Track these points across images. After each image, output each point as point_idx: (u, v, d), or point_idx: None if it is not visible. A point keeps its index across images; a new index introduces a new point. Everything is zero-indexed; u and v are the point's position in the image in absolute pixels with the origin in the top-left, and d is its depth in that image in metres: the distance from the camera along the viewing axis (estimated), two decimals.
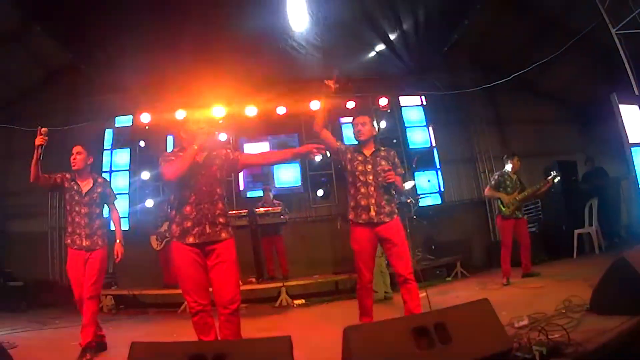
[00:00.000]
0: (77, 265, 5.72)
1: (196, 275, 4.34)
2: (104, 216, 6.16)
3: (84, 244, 5.75)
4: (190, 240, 4.33)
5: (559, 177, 9.32)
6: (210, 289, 4.39)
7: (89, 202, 5.87)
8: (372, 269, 5.51)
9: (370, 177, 5.41)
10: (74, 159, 5.86)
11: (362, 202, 5.36)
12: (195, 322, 4.34)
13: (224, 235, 4.43)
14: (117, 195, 6.42)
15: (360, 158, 5.50)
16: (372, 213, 5.32)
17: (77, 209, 5.84)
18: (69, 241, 5.83)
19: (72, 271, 5.74)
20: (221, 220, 4.46)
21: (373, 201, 5.34)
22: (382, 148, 5.68)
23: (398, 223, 5.47)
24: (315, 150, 4.72)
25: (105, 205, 6.15)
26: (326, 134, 5.59)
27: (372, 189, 5.38)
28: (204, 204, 4.41)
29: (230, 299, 4.29)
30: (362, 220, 5.34)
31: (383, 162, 5.48)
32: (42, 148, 5.41)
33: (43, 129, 5.41)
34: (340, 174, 6.12)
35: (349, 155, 5.55)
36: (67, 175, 5.93)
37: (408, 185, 8.90)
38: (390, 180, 5.31)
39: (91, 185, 5.94)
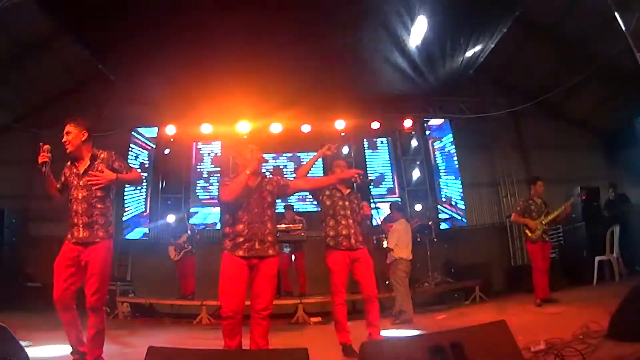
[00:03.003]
0: (67, 260, 4.79)
1: (237, 286, 4.78)
2: (110, 203, 5.13)
3: (81, 235, 4.83)
4: (240, 253, 4.82)
5: (584, 196, 9.44)
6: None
7: (88, 183, 4.93)
8: (346, 288, 6.27)
9: (349, 212, 6.28)
10: (65, 141, 5.01)
11: (344, 232, 6.16)
12: (224, 326, 4.75)
13: (270, 252, 4.95)
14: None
15: (339, 195, 6.36)
16: (352, 241, 6.15)
17: (74, 194, 4.95)
18: (68, 235, 4.88)
19: (58, 266, 4.78)
20: (270, 238, 4.98)
21: (352, 231, 6.19)
22: (350, 189, 6.57)
23: (367, 251, 6.36)
24: (356, 176, 5.65)
25: (114, 190, 5.23)
26: (307, 180, 6.43)
27: (351, 221, 6.25)
28: (255, 224, 4.93)
29: (263, 307, 4.83)
30: (342, 247, 6.14)
31: (355, 202, 6.44)
32: (46, 165, 4.83)
33: (45, 146, 4.83)
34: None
35: (327, 192, 6.38)
36: (68, 163, 5.14)
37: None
38: (368, 213, 6.63)
39: (89, 162, 5.03)
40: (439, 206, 14.02)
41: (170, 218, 12.70)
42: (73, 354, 4.83)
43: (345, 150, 14.02)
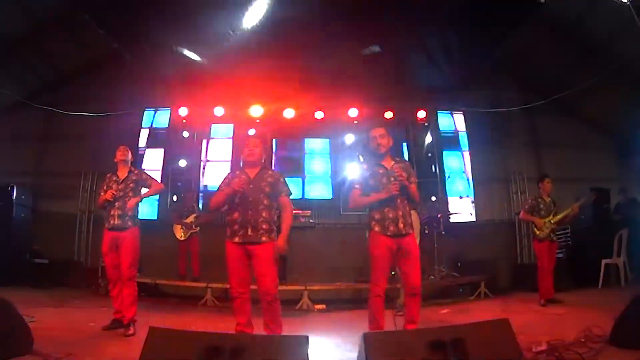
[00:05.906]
0: (110, 247, 6.53)
1: (238, 268, 5.24)
2: (138, 200, 6.87)
3: (116, 222, 6.52)
4: (236, 240, 5.25)
5: (594, 197, 9.44)
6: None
7: (124, 187, 6.72)
8: (388, 277, 5.47)
9: None
10: (123, 154, 6.91)
11: (390, 215, 5.36)
12: (233, 305, 5.35)
13: (264, 238, 5.22)
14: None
15: (381, 171, 5.56)
16: (400, 225, 5.32)
17: (114, 194, 6.60)
18: (106, 224, 6.61)
19: (105, 251, 6.59)
20: (264, 226, 5.25)
21: (400, 213, 5.36)
22: (397, 158, 5.77)
23: (414, 236, 5.65)
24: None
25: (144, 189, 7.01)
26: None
27: (398, 201, 5.40)
28: (249, 211, 5.25)
29: (265, 290, 5.16)
30: (389, 233, 5.32)
31: (404, 174, 5.45)
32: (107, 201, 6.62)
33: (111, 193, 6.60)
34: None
35: (368, 173, 5.65)
36: (108, 175, 6.93)
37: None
38: (403, 181, 5.33)
39: (127, 174, 6.83)
40: (448, 199, 13.93)
41: (175, 197, 12.77)
42: (116, 314, 6.49)
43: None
